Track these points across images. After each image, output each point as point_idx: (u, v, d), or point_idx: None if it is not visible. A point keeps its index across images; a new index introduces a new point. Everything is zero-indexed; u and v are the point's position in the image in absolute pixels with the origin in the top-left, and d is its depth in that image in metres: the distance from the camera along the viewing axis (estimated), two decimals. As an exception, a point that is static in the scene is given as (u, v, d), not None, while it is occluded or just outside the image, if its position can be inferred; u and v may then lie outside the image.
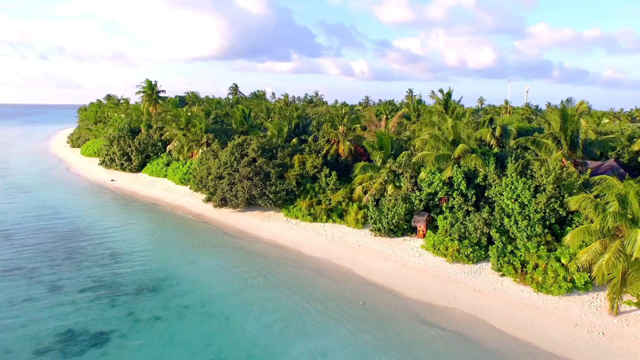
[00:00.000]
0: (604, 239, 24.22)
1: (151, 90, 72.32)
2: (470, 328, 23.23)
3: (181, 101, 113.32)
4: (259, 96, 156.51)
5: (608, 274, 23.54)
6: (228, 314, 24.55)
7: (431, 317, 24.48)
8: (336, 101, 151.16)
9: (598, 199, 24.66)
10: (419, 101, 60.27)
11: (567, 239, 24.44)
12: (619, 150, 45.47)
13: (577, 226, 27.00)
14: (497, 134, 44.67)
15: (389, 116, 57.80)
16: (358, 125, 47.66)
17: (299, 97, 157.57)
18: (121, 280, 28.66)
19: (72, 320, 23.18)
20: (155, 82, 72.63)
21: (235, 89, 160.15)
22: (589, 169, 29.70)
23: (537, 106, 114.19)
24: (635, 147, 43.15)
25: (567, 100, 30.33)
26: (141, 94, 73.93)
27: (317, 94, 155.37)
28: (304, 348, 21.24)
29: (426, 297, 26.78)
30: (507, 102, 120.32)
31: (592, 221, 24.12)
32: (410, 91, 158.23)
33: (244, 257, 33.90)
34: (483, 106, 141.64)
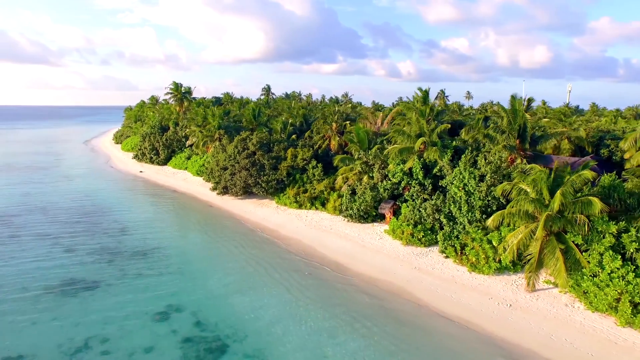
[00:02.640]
0: (528, 222, 26.60)
1: (177, 91, 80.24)
2: (394, 295, 26.61)
3: (217, 101, 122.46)
4: (292, 97, 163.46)
5: (528, 255, 25.97)
6: (196, 275, 29.69)
7: (364, 286, 28.07)
8: (373, 102, 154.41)
9: (522, 185, 26.97)
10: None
11: (489, 221, 27.00)
12: (612, 148, 45.61)
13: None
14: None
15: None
16: (347, 123, 51.33)
17: (333, 97, 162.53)
18: (121, 247, 34.85)
19: (75, 272, 29.46)
20: (181, 84, 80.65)
21: (267, 90, 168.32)
22: (515, 160, 31.53)
23: (577, 106, 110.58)
24: (621, 144, 43.26)
25: (513, 96, 32.35)
26: (169, 95, 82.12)
27: (346, 95, 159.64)
28: (247, 302, 25.78)
29: (370, 271, 30.30)
30: (544, 102, 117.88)
31: (512, 206, 26.54)
32: (442, 92, 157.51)
33: (228, 234, 39.07)
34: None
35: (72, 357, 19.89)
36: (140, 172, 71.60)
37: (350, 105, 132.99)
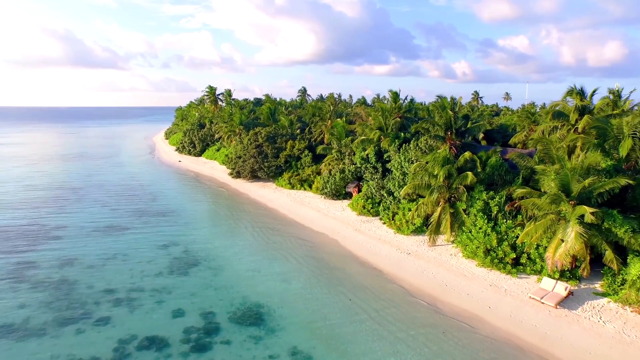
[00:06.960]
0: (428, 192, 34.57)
1: (211, 94, 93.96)
2: (329, 246, 35.97)
3: (258, 102, 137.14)
4: (328, 99, 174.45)
5: (432, 219, 34.02)
6: (197, 226, 41.10)
7: (311, 239, 37.67)
8: (417, 102, 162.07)
9: (429, 166, 34.94)
10: (412, 100, 69.37)
11: (401, 192, 35.32)
12: None
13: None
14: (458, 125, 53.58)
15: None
16: (338, 119, 60.54)
17: (360, 97, 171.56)
18: (150, 210, 47.36)
19: (115, 221, 42.18)
20: (215, 87, 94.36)
21: (303, 92, 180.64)
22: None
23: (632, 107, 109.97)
24: (532, 136, 44.73)
25: (441, 96, 40.05)
26: (206, 96, 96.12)
27: (378, 96, 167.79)
28: (223, 242, 36.55)
29: (321, 230, 39.73)
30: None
31: (412, 180, 34.68)
32: (477, 93, 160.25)
33: (229, 204, 50.32)
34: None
35: (105, 260, 31.84)
36: (179, 161, 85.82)
37: (378, 103, 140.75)
